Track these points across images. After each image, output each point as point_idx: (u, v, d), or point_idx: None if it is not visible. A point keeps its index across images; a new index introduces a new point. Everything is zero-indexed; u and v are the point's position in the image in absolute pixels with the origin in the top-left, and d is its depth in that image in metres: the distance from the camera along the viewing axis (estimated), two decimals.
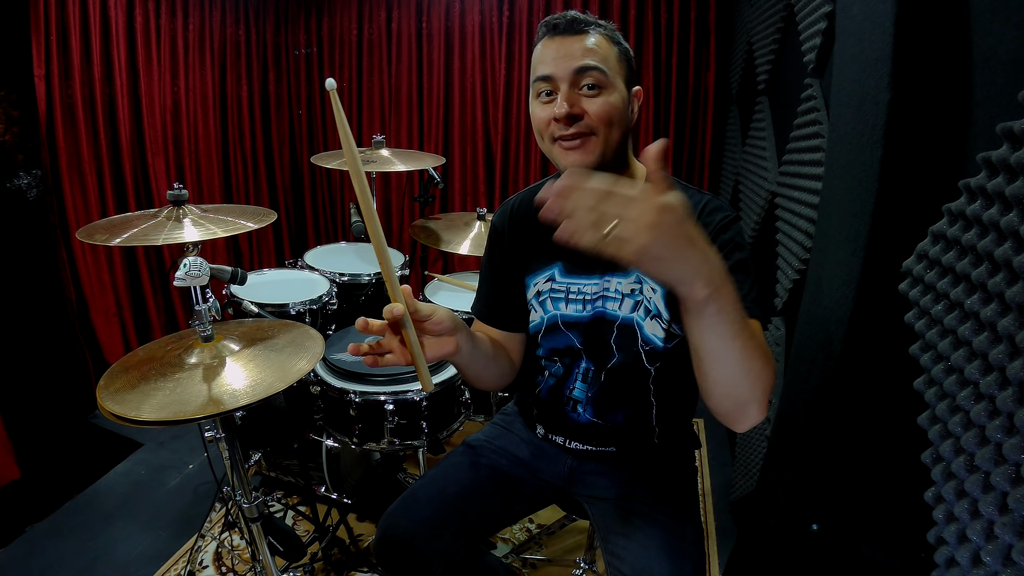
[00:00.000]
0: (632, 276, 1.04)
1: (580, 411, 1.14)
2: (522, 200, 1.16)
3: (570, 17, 0.95)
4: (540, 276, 1.11)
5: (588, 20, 0.96)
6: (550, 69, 0.94)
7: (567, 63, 0.93)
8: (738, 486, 1.95)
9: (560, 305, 1.10)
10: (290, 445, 1.84)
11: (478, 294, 1.21)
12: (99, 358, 2.66)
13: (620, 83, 0.96)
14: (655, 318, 1.03)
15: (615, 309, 1.06)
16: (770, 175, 1.90)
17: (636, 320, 1.05)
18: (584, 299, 1.08)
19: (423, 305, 0.81)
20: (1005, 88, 0.73)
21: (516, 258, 1.14)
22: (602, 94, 0.94)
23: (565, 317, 1.10)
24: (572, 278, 1.09)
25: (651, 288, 1.03)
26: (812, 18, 1.48)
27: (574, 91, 0.94)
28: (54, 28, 2.35)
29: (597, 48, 0.94)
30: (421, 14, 3.36)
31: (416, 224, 2.21)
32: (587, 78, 0.93)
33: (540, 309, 1.12)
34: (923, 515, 0.77)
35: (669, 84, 3.10)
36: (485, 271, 1.19)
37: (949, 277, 0.77)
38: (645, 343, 1.05)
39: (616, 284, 1.06)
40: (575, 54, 0.93)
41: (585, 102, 0.94)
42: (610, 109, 0.93)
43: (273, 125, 3.62)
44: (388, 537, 1.10)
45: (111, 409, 1.04)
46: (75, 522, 1.93)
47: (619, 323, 1.06)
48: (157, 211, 1.46)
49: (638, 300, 1.04)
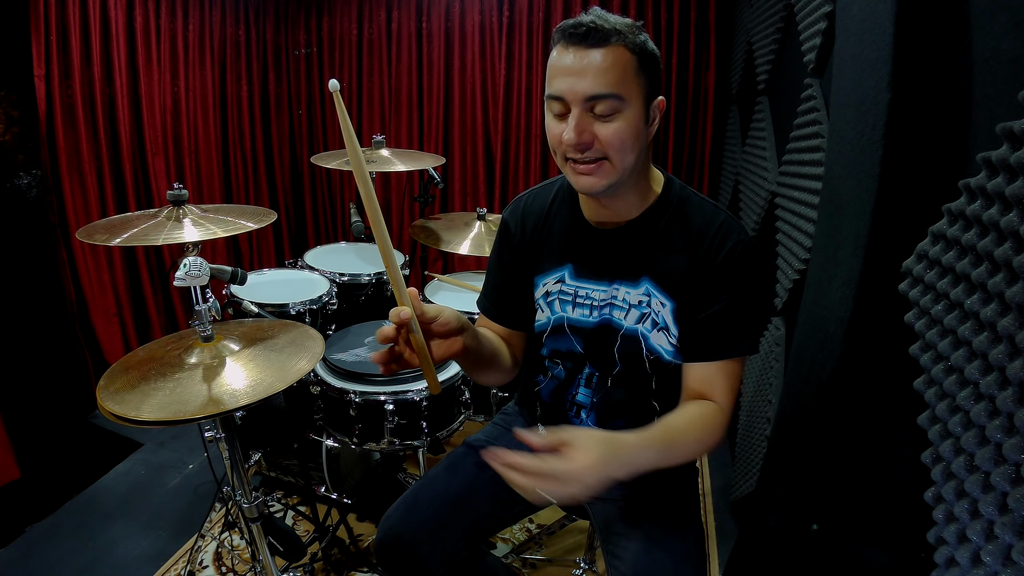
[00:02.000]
0: (641, 288, 1.03)
1: (584, 416, 1.14)
2: (535, 198, 1.13)
3: (588, 26, 0.85)
4: (550, 277, 1.10)
5: (608, 29, 0.85)
6: (562, 89, 0.88)
7: (579, 86, 0.86)
8: (738, 486, 1.95)
9: (568, 308, 1.08)
10: (290, 445, 1.84)
11: (484, 289, 1.19)
12: (99, 358, 2.66)
13: (637, 102, 0.89)
14: (662, 331, 1.03)
15: (621, 319, 1.05)
16: (770, 175, 1.90)
17: (641, 332, 1.04)
18: (592, 304, 1.06)
19: (429, 307, 0.81)
20: (1005, 88, 0.73)
21: (526, 256, 1.12)
22: (616, 119, 0.87)
23: (571, 321, 1.09)
24: (582, 282, 1.07)
25: (660, 302, 1.02)
26: (812, 18, 1.48)
27: (586, 116, 0.88)
28: (54, 28, 2.35)
29: (614, 67, 0.85)
30: (421, 14, 3.36)
31: (416, 224, 2.21)
32: (600, 105, 0.87)
33: (547, 309, 1.11)
34: (923, 515, 0.77)
35: (669, 84, 3.10)
36: (493, 267, 1.17)
37: (949, 277, 0.77)
38: (650, 353, 1.05)
39: (624, 293, 1.04)
40: (589, 75, 0.85)
41: (597, 127, 0.88)
42: (623, 136, 0.88)
43: (273, 125, 3.62)
44: (388, 537, 1.10)
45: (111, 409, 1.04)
46: (75, 522, 1.93)
47: (623, 333, 1.05)
48: (157, 211, 1.46)
49: (645, 312, 1.03)
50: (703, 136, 3.16)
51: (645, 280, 1.02)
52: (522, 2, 3.17)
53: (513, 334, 1.15)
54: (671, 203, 1.01)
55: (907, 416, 0.84)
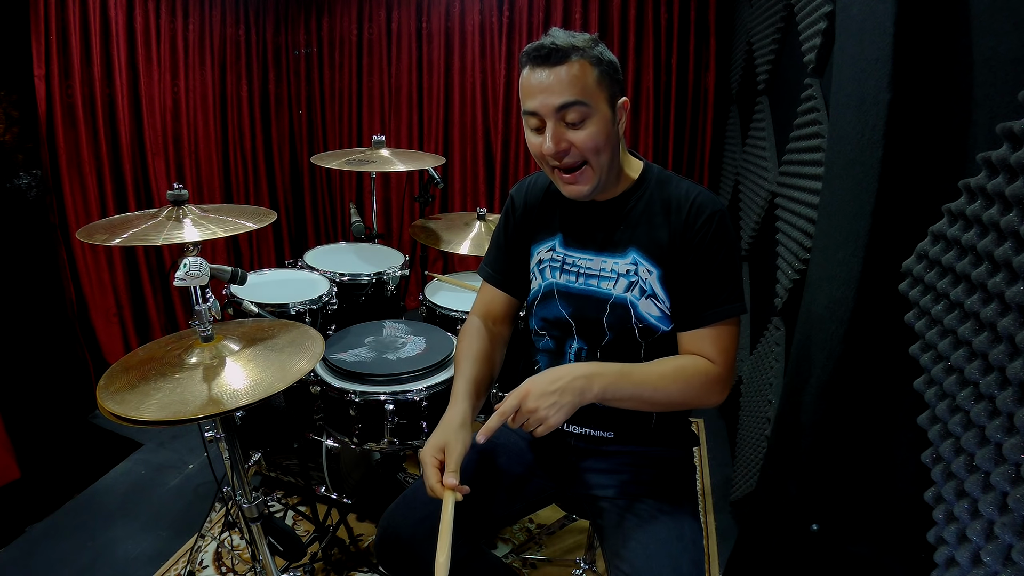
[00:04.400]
0: (629, 257, 1.09)
1: None
2: (538, 177, 1.24)
3: (549, 47, 0.96)
4: (543, 246, 1.19)
5: (567, 48, 0.96)
6: (535, 105, 0.98)
7: (549, 99, 0.97)
8: (738, 486, 1.95)
9: (556, 274, 1.16)
10: (290, 445, 1.84)
11: (487, 258, 1.29)
12: (99, 358, 2.66)
13: (603, 106, 0.99)
14: (650, 298, 1.08)
15: (609, 288, 1.10)
16: (770, 175, 1.90)
17: (630, 300, 1.09)
18: (578, 272, 1.14)
19: (451, 475, 0.96)
20: (1005, 88, 0.73)
21: (525, 228, 1.22)
22: (586, 125, 0.98)
23: (559, 286, 1.15)
24: (570, 250, 1.15)
25: (647, 270, 1.07)
26: (812, 18, 1.48)
27: (560, 125, 0.98)
28: (54, 28, 2.35)
29: (577, 78, 0.96)
30: (421, 14, 3.36)
31: (416, 224, 2.21)
32: (570, 113, 0.97)
33: (539, 277, 1.19)
34: (923, 515, 0.77)
35: (669, 84, 3.11)
36: (498, 238, 1.27)
37: (949, 277, 0.77)
38: (639, 321, 1.09)
39: (613, 264, 1.10)
40: (556, 89, 0.96)
41: (571, 135, 0.99)
42: (596, 138, 0.99)
43: (273, 125, 3.62)
44: (388, 537, 1.10)
45: (111, 409, 1.04)
46: (75, 522, 1.93)
47: (612, 301, 1.10)
48: (157, 211, 1.46)
49: (633, 280, 1.09)
50: (703, 136, 3.16)
51: (632, 250, 1.09)
52: (522, 2, 3.17)
53: (511, 305, 1.27)
54: (650, 183, 1.11)
55: (907, 416, 0.84)
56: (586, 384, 0.95)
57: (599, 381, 0.96)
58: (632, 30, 3.06)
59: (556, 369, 0.97)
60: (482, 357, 1.15)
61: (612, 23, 3.07)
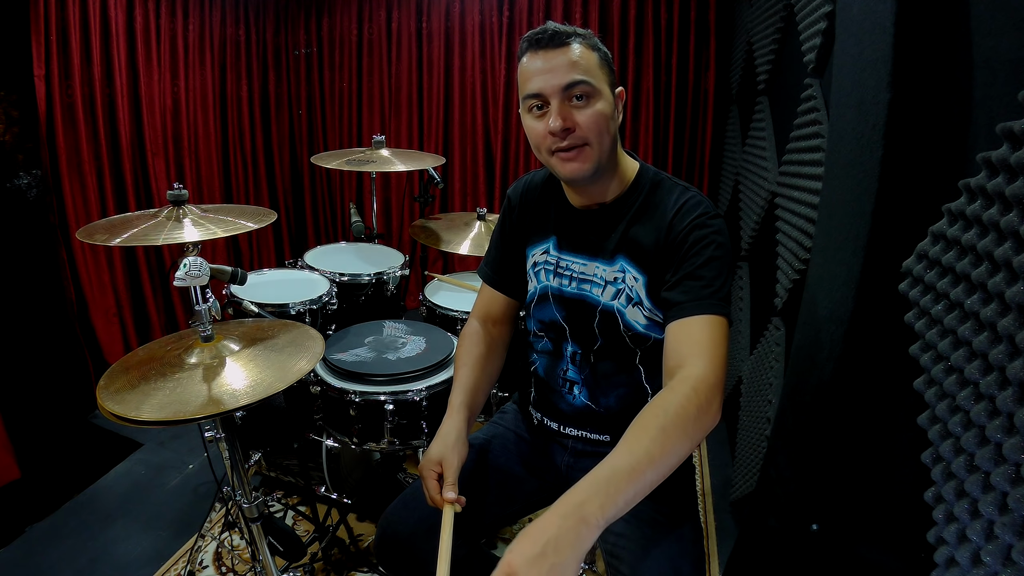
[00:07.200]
0: (616, 264, 1.09)
1: (576, 392, 1.17)
2: (534, 177, 1.24)
3: (551, 31, 0.97)
4: (538, 248, 1.19)
5: (568, 31, 0.98)
6: (539, 86, 0.97)
7: (556, 79, 0.96)
8: (738, 486, 1.95)
9: (550, 277, 1.16)
10: (290, 445, 1.84)
11: (487, 258, 1.30)
12: (99, 358, 2.66)
13: (605, 89, 0.99)
14: (637, 305, 1.07)
15: (598, 295, 1.10)
16: (770, 175, 1.90)
17: (617, 308, 1.09)
18: (571, 275, 1.14)
19: (450, 488, 0.97)
20: (1005, 88, 0.73)
21: (522, 227, 1.22)
22: (591, 104, 0.98)
23: (553, 289, 1.16)
24: (564, 254, 1.15)
25: (633, 277, 1.07)
26: (812, 18, 1.48)
27: (565, 104, 0.97)
28: (54, 28, 2.35)
29: (581, 59, 0.97)
30: (421, 14, 3.36)
31: (416, 224, 2.21)
32: (576, 91, 0.96)
33: (535, 279, 1.19)
34: (923, 515, 0.77)
35: (669, 84, 3.10)
36: (496, 238, 1.28)
37: (949, 277, 0.77)
38: (628, 328, 1.09)
39: (601, 271, 1.10)
40: (562, 68, 0.96)
41: (576, 114, 0.98)
42: (600, 118, 0.98)
43: (273, 125, 3.62)
44: (388, 537, 1.11)
45: (111, 409, 1.04)
46: (75, 522, 1.93)
47: (601, 309, 1.10)
48: (157, 211, 1.46)
49: (620, 288, 1.08)
50: (703, 136, 3.16)
51: (620, 257, 1.08)
52: (522, 2, 3.17)
53: (510, 305, 1.27)
54: (644, 186, 1.10)
55: (907, 416, 0.84)
56: (580, 518, 0.73)
57: (592, 504, 0.74)
58: (632, 30, 3.06)
59: (533, 524, 0.74)
60: (480, 363, 1.17)
61: (612, 23, 3.07)
